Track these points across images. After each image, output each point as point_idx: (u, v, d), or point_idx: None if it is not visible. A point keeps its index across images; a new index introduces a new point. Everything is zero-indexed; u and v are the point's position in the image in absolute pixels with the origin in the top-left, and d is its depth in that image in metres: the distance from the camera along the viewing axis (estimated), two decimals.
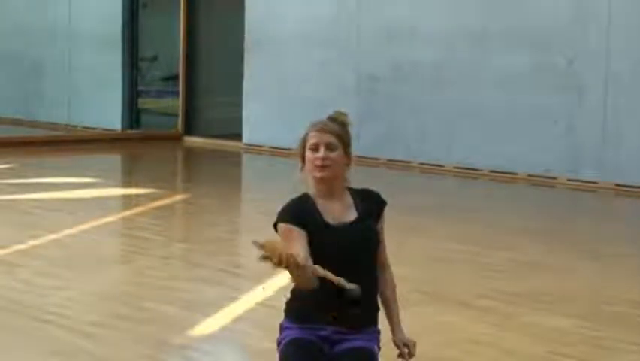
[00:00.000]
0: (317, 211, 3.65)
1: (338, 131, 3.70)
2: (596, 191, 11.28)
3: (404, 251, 7.79)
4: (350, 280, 3.39)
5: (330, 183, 3.69)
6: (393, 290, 3.81)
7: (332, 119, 3.74)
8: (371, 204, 3.75)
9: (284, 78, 14.05)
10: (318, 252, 3.55)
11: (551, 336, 5.63)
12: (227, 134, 15.02)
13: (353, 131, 3.77)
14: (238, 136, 14.69)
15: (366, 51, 13.24)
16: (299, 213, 3.63)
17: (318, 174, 3.66)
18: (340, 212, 3.69)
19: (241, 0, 14.57)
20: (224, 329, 5.71)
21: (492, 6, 12.16)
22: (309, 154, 3.68)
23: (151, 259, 7.45)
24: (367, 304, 3.67)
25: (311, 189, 3.71)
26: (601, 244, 8.44)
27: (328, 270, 3.40)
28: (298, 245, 3.54)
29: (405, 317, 3.85)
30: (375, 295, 3.74)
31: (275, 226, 3.68)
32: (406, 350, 3.72)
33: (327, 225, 3.64)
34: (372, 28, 13.17)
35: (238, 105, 14.73)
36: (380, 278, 3.76)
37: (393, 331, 3.77)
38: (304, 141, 3.70)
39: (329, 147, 3.66)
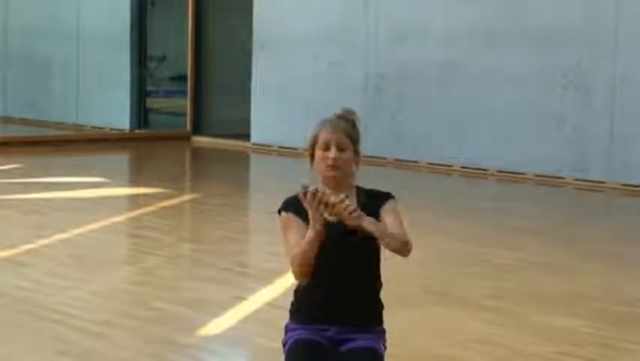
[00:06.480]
0: None
1: (349, 130, 3.68)
2: (603, 191, 11.26)
3: (412, 250, 7.78)
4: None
5: (339, 181, 3.68)
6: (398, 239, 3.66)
7: (341, 117, 3.72)
8: (374, 202, 3.68)
9: (292, 78, 14.05)
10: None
11: (559, 336, 5.63)
12: (236, 134, 15.03)
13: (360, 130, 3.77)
14: (246, 136, 14.70)
15: (374, 51, 13.24)
16: (301, 205, 3.55)
17: (329, 174, 3.64)
18: None
19: (249, 0, 14.59)
20: (231, 328, 5.71)
21: (500, 6, 12.14)
22: (319, 152, 3.66)
23: (159, 258, 7.46)
24: (367, 303, 3.67)
25: (320, 184, 3.67)
26: (608, 244, 8.42)
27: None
28: (295, 234, 3.57)
29: (413, 315, 3.84)
30: (376, 293, 3.71)
31: (279, 212, 3.69)
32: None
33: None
34: (380, 27, 13.17)
35: (246, 105, 14.74)
36: None
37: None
38: (314, 138, 3.68)
39: (340, 147, 3.64)
